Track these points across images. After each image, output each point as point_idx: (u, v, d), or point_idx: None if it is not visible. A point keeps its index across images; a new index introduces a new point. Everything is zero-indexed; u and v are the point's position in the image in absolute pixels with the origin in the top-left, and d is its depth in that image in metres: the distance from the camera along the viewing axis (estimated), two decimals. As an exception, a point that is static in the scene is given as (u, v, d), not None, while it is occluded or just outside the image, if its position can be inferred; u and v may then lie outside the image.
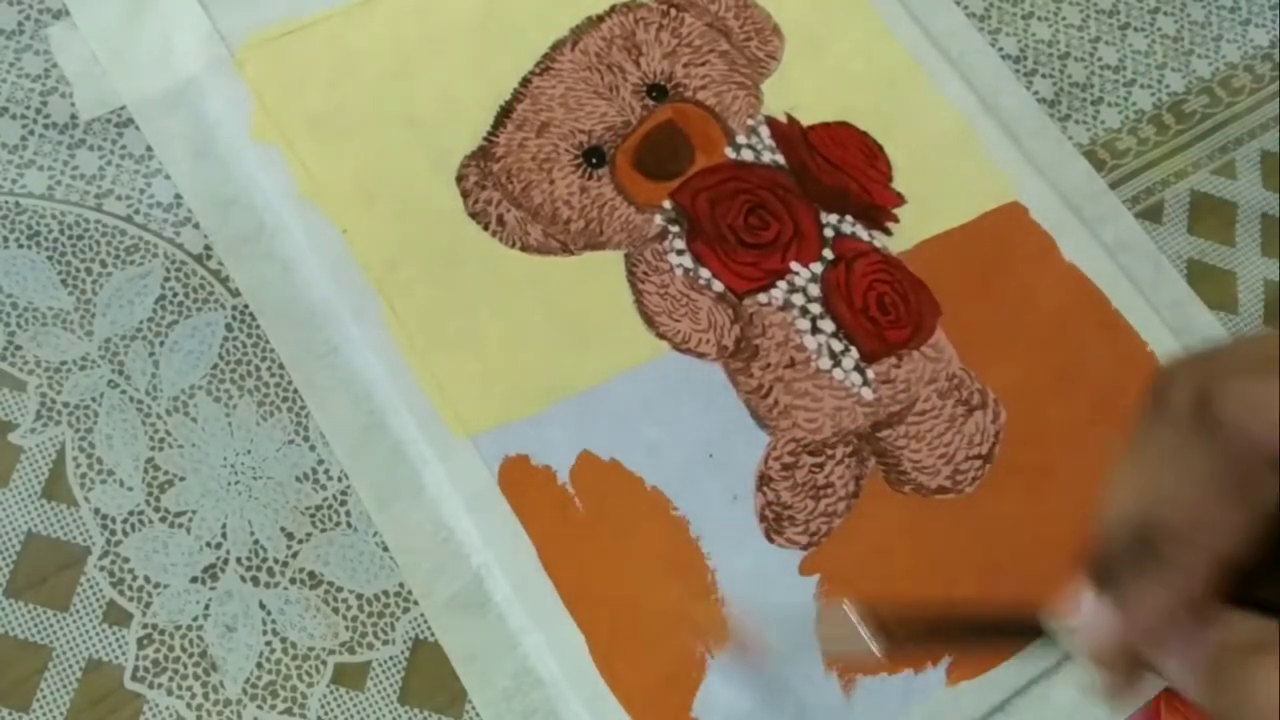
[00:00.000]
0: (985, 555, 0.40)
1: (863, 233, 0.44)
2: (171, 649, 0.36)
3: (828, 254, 0.43)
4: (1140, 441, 0.29)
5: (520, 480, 0.39)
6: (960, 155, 0.46)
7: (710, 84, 0.45)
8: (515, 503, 0.38)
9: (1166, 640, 0.28)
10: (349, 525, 0.38)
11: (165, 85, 0.42)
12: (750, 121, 0.45)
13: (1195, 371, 0.28)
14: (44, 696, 0.35)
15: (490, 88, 0.44)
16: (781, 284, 0.43)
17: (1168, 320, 0.45)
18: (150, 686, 0.36)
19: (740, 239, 0.43)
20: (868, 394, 0.42)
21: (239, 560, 0.37)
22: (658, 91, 0.45)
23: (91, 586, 0.36)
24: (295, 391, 0.39)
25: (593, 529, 0.38)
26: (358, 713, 0.36)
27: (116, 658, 0.36)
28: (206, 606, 0.37)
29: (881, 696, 0.38)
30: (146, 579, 0.37)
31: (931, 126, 0.46)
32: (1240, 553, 0.27)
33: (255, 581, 0.37)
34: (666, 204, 0.43)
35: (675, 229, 0.43)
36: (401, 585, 0.38)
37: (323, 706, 0.36)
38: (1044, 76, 0.49)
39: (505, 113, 0.44)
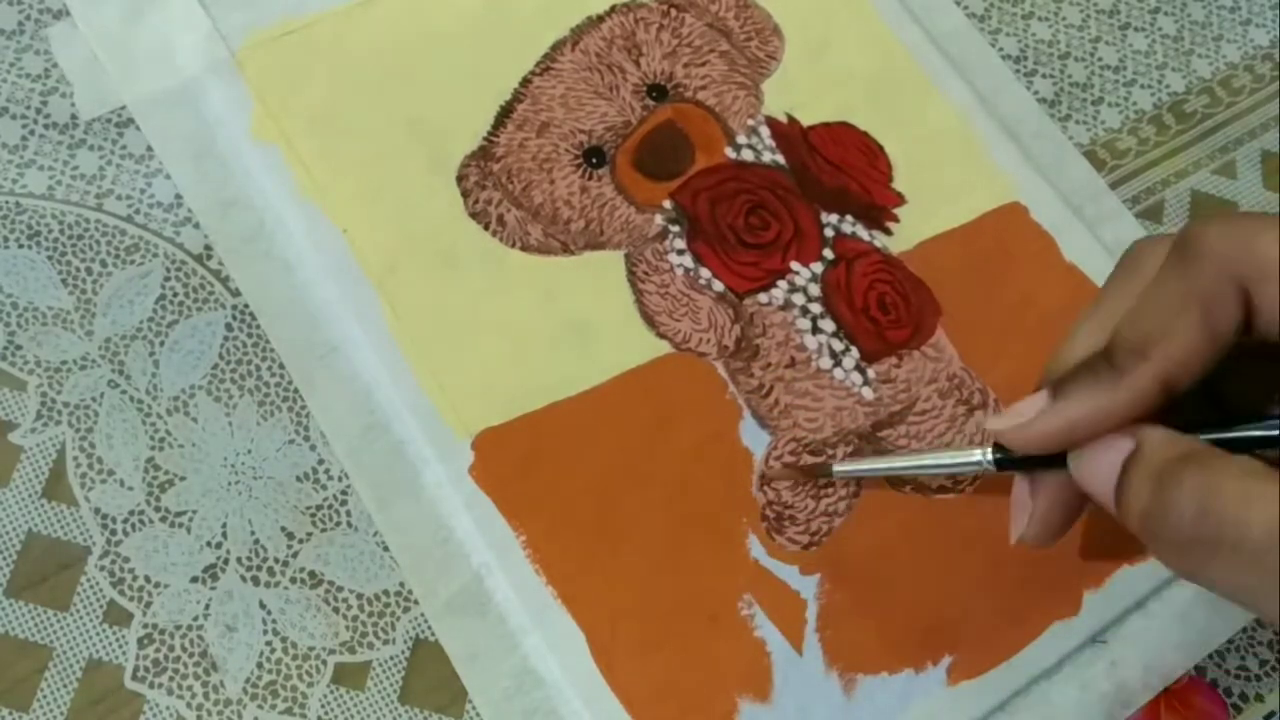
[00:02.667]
0: (985, 555, 0.40)
1: (863, 233, 0.44)
2: (172, 649, 0.36)
3: (828, 254, 0.43)
4: (1122, 271, 0.31)
5: (521, 480, 0.39)
6: (960, 155, 0.46)
7: (710, 84, 0.45)
8: (516, 502, 0.38)
9: (1092, 445, 0.29)
10: (349, 525, 0.38)
11: (166, 85, 0.42)
12: (750, 121, 0.45)
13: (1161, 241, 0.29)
14: (44, 696, 0.35)
15: (490, 88, 0.44)
16: (782, 284, 0.43)
17: (1168, 320, 0.45)
18: (150, 686, 0.36)
19: (740, 239, 0.43)
20: (868, 394, 0.42)
21: (239, 560, 0.37)
22: (658, 91, 0.45)
23: (92, 586, 0.36)
24: (295, 391, 0.39)
25: (593, 528, 0.38)
26: (358, 712, 0.36)
27: (117, 657, 0.36)
28: (207, 606, 0.37)
29: (882, 696, 0.38)
30: (147, 579, 0.37)
31: (931, 126, 0.46)
32: (1186, 379, 0.28)
33: (255, 581, 0.37)
34: (667, 204, 0.43)
35: (675, 229, 0.43)
36: (402, 585, 0.38)
37: (323, 706, 0.36)
38: (1044, 76, 0.49)
39: (505, 113, 0.44)
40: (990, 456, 0.33)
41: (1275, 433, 0.28)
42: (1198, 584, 0.27)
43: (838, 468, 0.39)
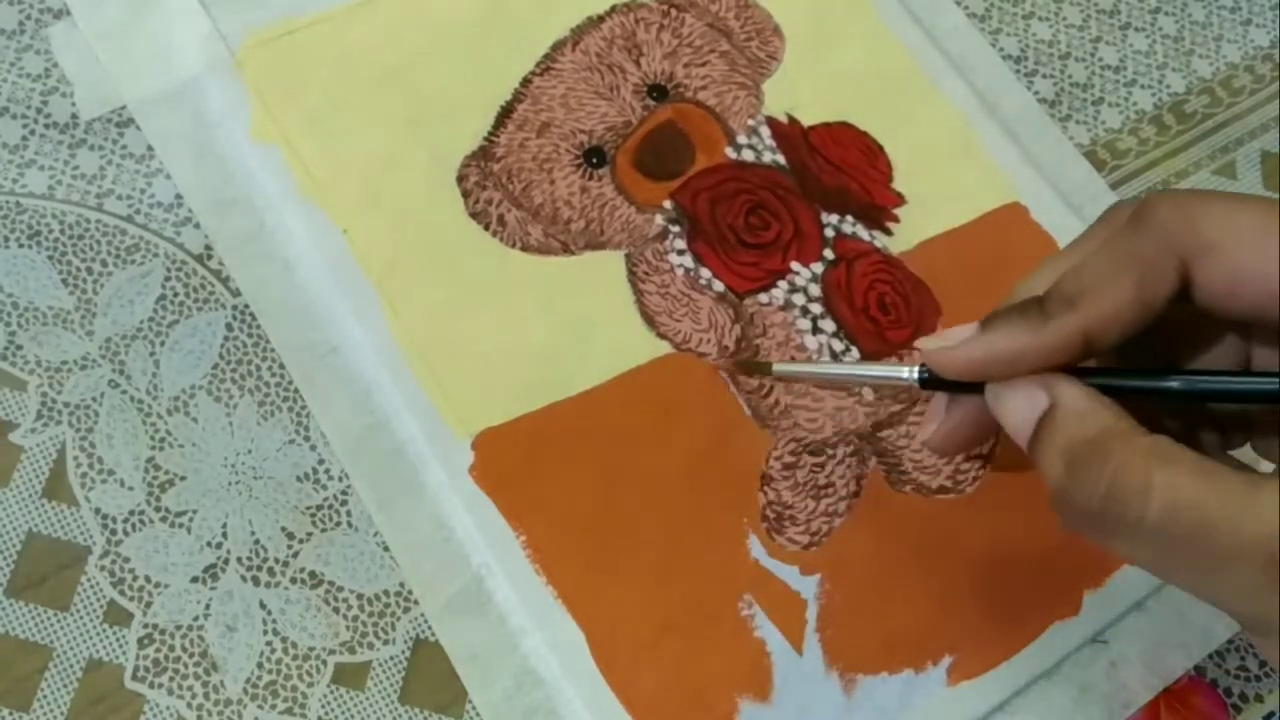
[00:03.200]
0: (985, 555, 0.40)
1: (863, 233, 0.44)
2: (172, 649, 0.36)
3: (828, 254, 0.43)
4: (1091, 229, 0.32)
5: (521, 480, 0.39)
6: (960, 155, 0.46)
7: (711, 84, 0.45)
8: (516, 502, 0.38)
9: (1011, 387, 0.30)
10: (349, 525, 0.38)
11: (166, 85, 0.42)
12: (751, 122, 0.45)
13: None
14: (44, 696, 0.35)
15: (490, 88, 0.44)
16: (782, 284, 0.43)
17: (1168, 320, 0.45)
18: (151, 686, 0.36)
19: (741, 239, 0.43)
20: (868, 394, 0.42)
21: (239, 560, 0.37)
22: (658, 91, 0.45)
23: (92, 586, 0.36)
24: (295, 391, 0.39)
25: (594, 528, 0.38)
26: (358, 712, 0.36)
27: (117, 657, 0.36)
28: (207, 606, 0.37)
29: (882, 696, 0.38)
30: (147, 579, 0.37)
31: (932, 126, 0.46)
32: (1110, 336, 0.29)
33: (256, 581, 0.37)
34: (667, 204, 0.43)
35: (676, 229, 0.43)
36: (402, 585, 0.38)
37: (323, 706, 0.36)
38: (1044, 76, 0.49)
39: (506, 113, 0.44)
40: (917, 374, 0.34)
41: (1174, 384, 0.30)
42: (1103, 549, 0.29)
43: (777, 367, 0.40)
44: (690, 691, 0.37)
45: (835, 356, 0.42)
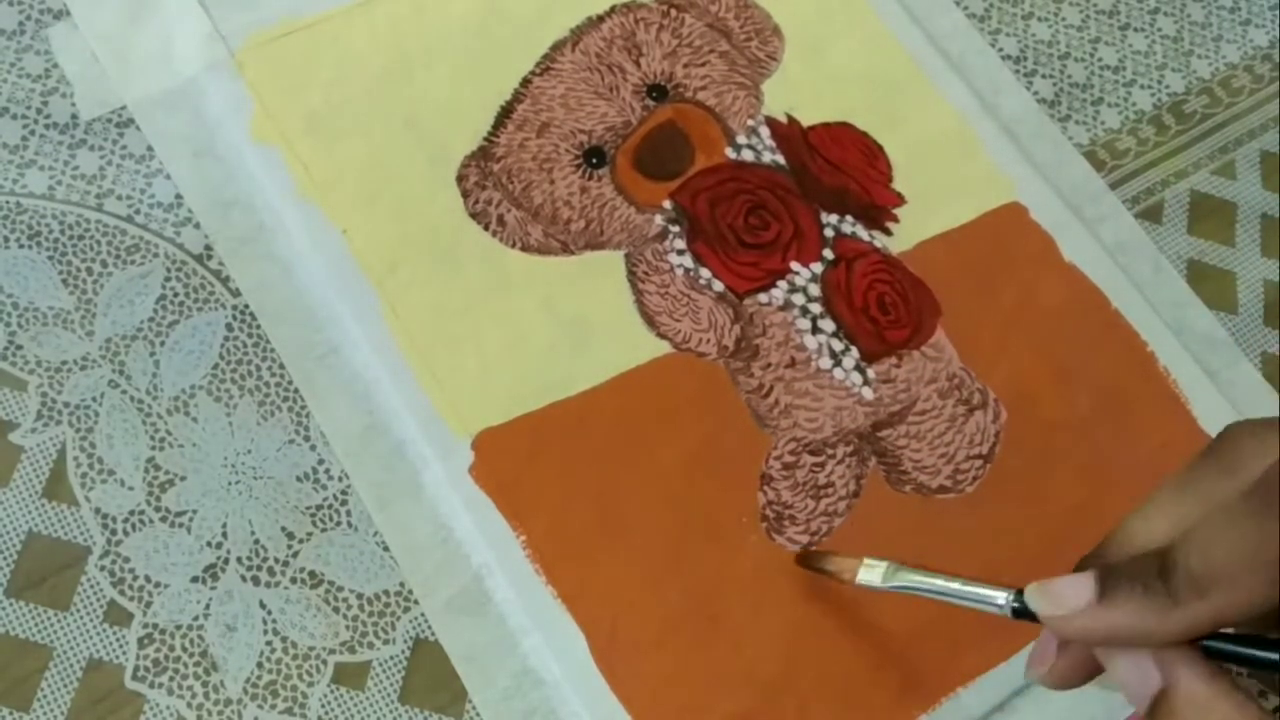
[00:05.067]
0: (985, 555, 0.40)
1: (863, 233, 0.44)
2: (172, 649, 0.36)
3: (828, 254, 0.43)
4: (1195, 476, 0.29)
5: (521, 480, 0.39)
6: (960, 155, 0.46)
7: (710, 84, 0.45)
8: (516, 502, 0.38)
9: (1125, 657, 0.28)
10: (349, 525, 0.38)
11: (166, 85, 0.42)
12: (750, 122, 0.45)
13: (1268, 437, 0.28)
14: (44, 696, 0.35)
15: (490, 88, 0.44)
16: (782, 284, 0.43)
17: (1168, 320, 0.45)
18: (151, 686, 0.36)
19: (740, 239, 0.43)
20: (868, 394, 0.42)
21: (239, 560, 0.37)
22: (658, 92, 0.45)
23: (92, 586, 0.36)
24: (295, 391, 0.39)
25: (594, 528, 0.38)
26: (358, 712, 0.36)
27: (117, 657, 0.36)
28: (207, 606, 0.37)
29: (882, 696, 0.38)
30: (147, 578, 0.37)
31: (931, 126, 0.46)
32: (1243, 623, 0.27)
33: (256, 581, 0.37)
34: (667, 204, 0.43)
35: (675, 229, 0.43)
36: (402, 585, 0.38)
37: (323, 706, 0.36)
38: (1044, 77, 0.49)
39: (505, 113, 0.44)
40: (1011, 604, 0.32)
41: None
42: None
43: (859, 580, 0.36)
44: (690, 691, 0.37)
45: (835, 356, 0.42)
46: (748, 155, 0.44)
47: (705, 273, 0.42)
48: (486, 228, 0.42)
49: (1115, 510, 0.41)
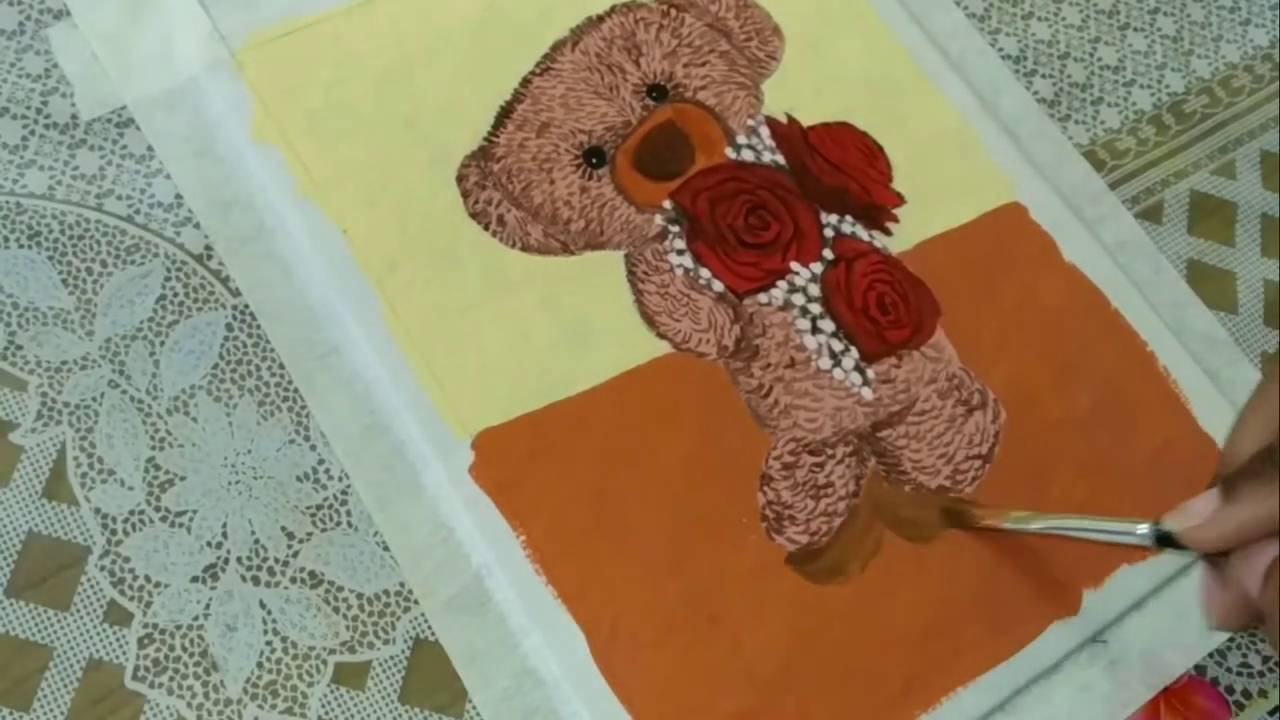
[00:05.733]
0: (985, 555, 0.40)
1: (863, 233, 0.44)
2: (172, 648, 0.36)
3: (828, 254, 0.43)
4: (1272, 386, 0.32)
5: (521, 479, 0.39)
6: (960, 155, 0.46)
7: (710, 84, 0.45)
8: (516, 502, 0.38)
9: (1242, 551, 0.31)
10: (349, 525, 0.38)
11: (166, 85, 0.42)
12: (750, 122, 0.45)
13: None
14: (44, 696, 0.35)
15: (490, 88, 0.44)
16: (782, 284, 0.43)
17: (1167, 320, 0.45)
18: (151, 686, 0.36)
19: (740, 239, 0.43)
20: (868, 394, 0.42)
21: (239, 560, 0.37)
22: (658, 92, 0.45)
23: (92, 586, 0.36)
24: (295, 391, 0.39)
25: (594, 528, 0.38)
26: (358, 712, 0.36)
27: (117, 657, 0.36)
28: (207, 606, 0.37)
29: (882, 696, 0.38)
30: (147, 578, 0.37)
31: (931, 126, 0.46)
32: None
33: (256, 581, 0.37)
34: (667, 204, 0.43)
35: (675, 229, 0.43)
36: (402, 585, 0.38)
37: (323, 706, 0.36)
38: (1044, 77, 0.49)
39: (505, 113, 0.44)
40: (1152, 534, 0.33)
41: None
42: None
43: (1007, 521, 0.39)
44: (690, 691, 0.37)
45: (835, 356, 0.42)
46: (748, 155, 0.44)
47: (705, 273, 0.42)
48: (486, 228, 0.42)
49: (1115, 510, 0.41)
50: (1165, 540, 0.33)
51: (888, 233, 0.44)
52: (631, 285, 0.42)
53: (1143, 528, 0.33)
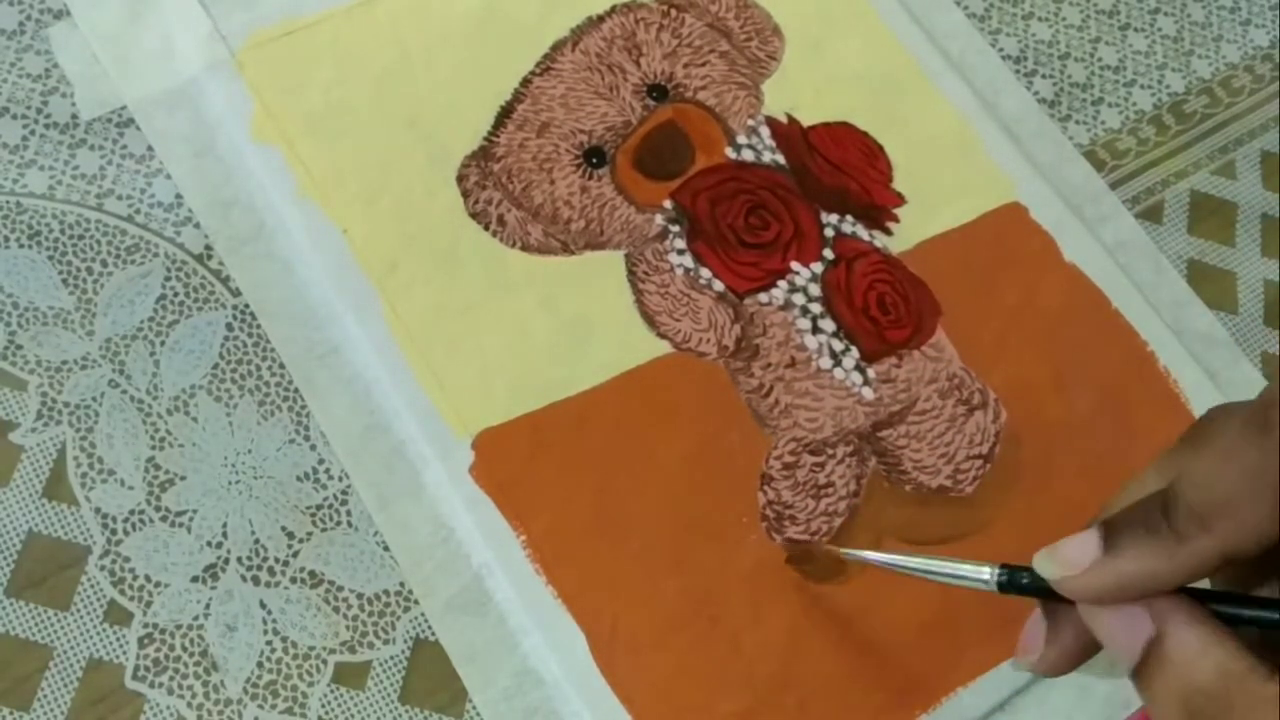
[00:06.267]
0: (985, 555, 0.40)
1: (863, 233, 0.44)
2: (172, 648, 0.36)
3: (828, 254, 0.43)
4: (1202, 427, 0.29)
5: (521, 479, 0.39)
6: (960, 155, 0.46)
7: (710, 84, 0.45)
8: (516, 502, 0.38)
9: (1111, 613, 0.28)
10: (349, 525, 0.38)
11: (166, 85, 0.42)
12: (750, 122, 0.45)
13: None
14: (44, 696, 0.35)
15: (490, 88, 0.44)
16: (782, 284, 0.43)
17: (1168, 320, 0.45)
18: (151, 686, 0.36)
19: (740, 239, 0.43)
20: (868, 394, 0.42)
21: (240, 560, 0.37)
22: (658, 92, 0.45)
23: (92, 586, 0.36)
24: (295, 391, 0.39)
25: (594, 528, 0.38)
26: (358, 712, 0.36)
27: (117, 657, 0.36)
28: (207, 606, 0.37)
29: (882, 696, 0.38)
30: (147, 578, 0.37)
31: (931, 126, 0.46)
32: (1250, 554, 0.26)
33: (256, 581, 0.37)
34: (667, 204, 0.43)
35: (675, 229, 0.43)
36: (402, 585, 0.38)
37: (323, 706, 0.36)
38: (1044, 77, 0.49)
39: (505, 113, 0.44)
40: (995, 578, 0.32)
41: None
42: None
43: (846, 552, 0.38)
44: (690, 691, 0.37)
45: (835, 356, 0.42)
46: (748, 155, 0.44)
47: (705, 272, 0.42)
48: (486, 228, 0.42)
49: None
50: (1012, 586, 0.31)
51: (888, 233, 0.44)
52: (631, 285, 0.42)
53: (986, 572, 0.32)
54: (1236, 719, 0.25)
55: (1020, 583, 0.31)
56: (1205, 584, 0.28)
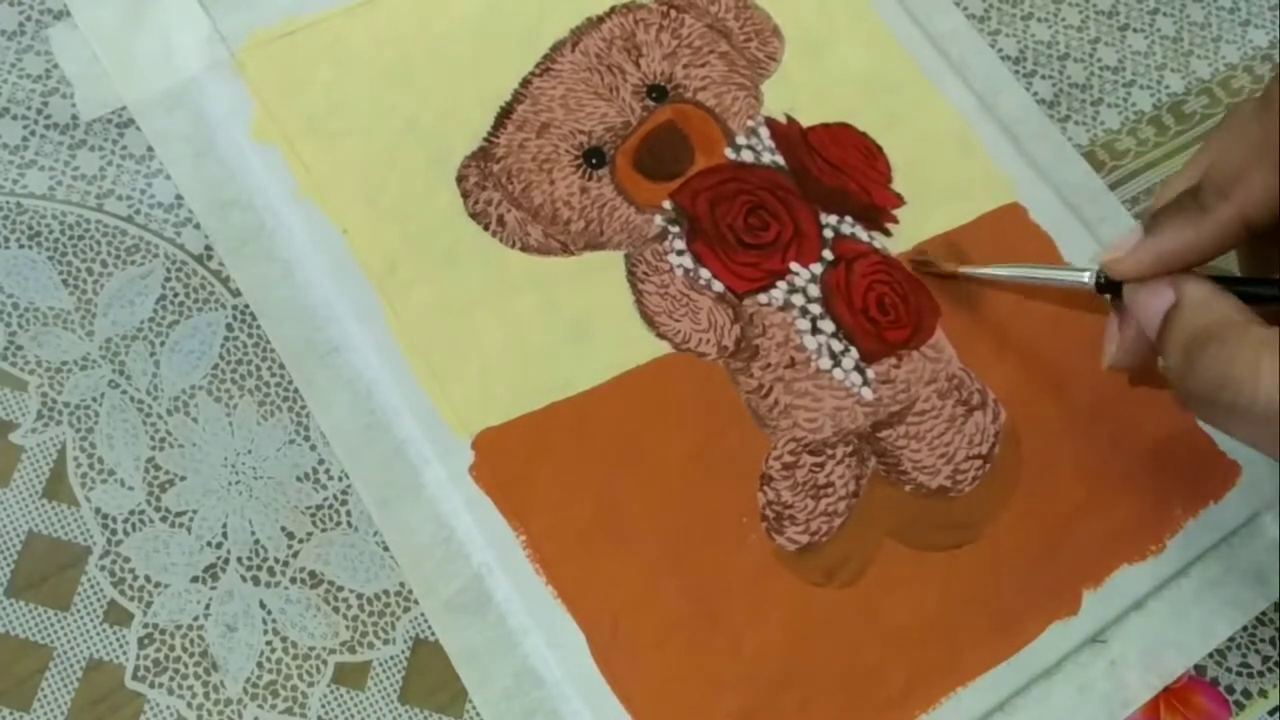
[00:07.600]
0: (985, 556, 0.40)
1: (862, 233, 0.44)
2: (172, 648, 0.36)
3: (827, 254, 0.43)
4: (1216, 133, 0.34)
5: (521, 479, 0.39)
6: (960, 156, 0.46)
7: (710, 85, 0.46)
8: (516, 502, 0.38)
9: (1143, 288, 0.33)
10: (349, 525, 0.38)
11: (166, 86, 0.42)
12: (750, 122, 0.45)
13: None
14: (44, 696, 0.35)
15: (490, 88, 0.44)
16: (781, 284, 0.43)
17: (1167, 320, 0.45)
18: (151, 686, 0.36)
19: (740, 239, 0.43)
20: (868, 394, 0.42)
21: (240, 560, 0.37)
22: (658, 92, 0.45)
23: (92, 586, 0.36)
24: (295, 391, 0.39)
25: (594, 528, 0.38)
26: (358, 712, 0.36)
27: (117, 657, 0.36)
28: (207, 606, 0.37)
29: (882, 696, 0.38)
30: (147, 578, 0.37)
31: (931, 127, 0.47)
32: (1267, 217, 0.31)
33: (256, 581, 0.37)
34: (666, 204, 0.43)
35: (675, 229, 0.43)
36: (402, 585, 0.38)
37: (323, 706, 0.36)
38: (1043, 77, 0.49)
39: (505, 113, 0.44)
40: (1095, 278, 0.37)
41: None
42: (1221, 432, 0.33)
43: (965, 270, 0.43)
44: (690, 691, 0.37)
45: (834, 356, 0.42)
46: (747, 156, 0.45)
47: (705, 273, 0.42)
48: (486, 228, 0.42)
49: (1115, 510, 0.41)
50: (1106, 287, 0.36)
51: (887, 233, 0.44)
52: (631, 285, 0.42)
53: (1088, 274, 0.37)
54: (1225, 353, 0.30)
55: (1115, 281, 0.36)
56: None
